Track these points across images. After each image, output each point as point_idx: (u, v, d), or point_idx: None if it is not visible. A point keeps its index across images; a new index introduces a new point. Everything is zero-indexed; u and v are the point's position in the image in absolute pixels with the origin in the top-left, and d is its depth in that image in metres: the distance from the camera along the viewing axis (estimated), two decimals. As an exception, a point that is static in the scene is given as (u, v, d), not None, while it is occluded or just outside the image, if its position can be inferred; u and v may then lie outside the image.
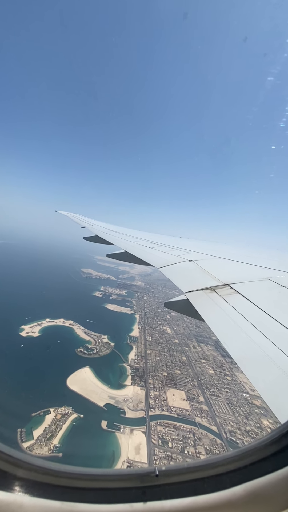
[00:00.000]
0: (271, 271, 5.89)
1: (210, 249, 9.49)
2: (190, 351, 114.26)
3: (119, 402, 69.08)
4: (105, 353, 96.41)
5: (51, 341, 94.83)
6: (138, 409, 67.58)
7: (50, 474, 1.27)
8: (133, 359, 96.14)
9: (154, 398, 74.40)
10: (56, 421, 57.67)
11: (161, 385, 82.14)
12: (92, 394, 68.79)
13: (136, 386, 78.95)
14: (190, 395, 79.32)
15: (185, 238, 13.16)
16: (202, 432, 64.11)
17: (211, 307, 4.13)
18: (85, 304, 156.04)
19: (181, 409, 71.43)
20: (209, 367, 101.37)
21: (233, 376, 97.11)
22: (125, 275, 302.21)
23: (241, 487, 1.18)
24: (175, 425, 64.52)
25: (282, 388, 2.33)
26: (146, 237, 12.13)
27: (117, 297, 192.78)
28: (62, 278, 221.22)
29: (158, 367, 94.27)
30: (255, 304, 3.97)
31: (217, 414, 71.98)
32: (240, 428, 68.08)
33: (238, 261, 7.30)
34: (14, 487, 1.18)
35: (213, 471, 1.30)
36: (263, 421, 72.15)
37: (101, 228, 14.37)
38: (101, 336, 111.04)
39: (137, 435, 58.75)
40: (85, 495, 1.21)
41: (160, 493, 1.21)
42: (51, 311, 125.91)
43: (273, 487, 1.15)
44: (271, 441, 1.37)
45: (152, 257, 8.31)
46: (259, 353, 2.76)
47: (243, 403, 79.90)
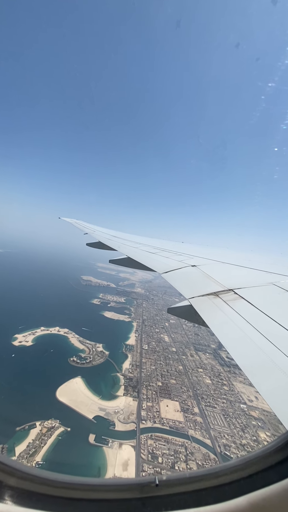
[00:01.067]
0: (276, 276, 5.78)
1: (213, 254, 9.40)
2: (187, 360, 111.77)
3: (110, 414, 66.80)
4: (99, 362, 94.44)
5: (44, 350, 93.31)
6: (129, 422, 65.27)
7: (46, 484, 1.23)
8: (127, 369, 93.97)
9: (147, 409, 72.06)
10: (41, 436, 55.52)
11: (155, 395, 79.77)
12: (81, 405, 66.64)
13: (129, 397, 76.67)
14: (185, 406, 76.83)
15: (188, 243, 13.09)
16: (194, 446, 61.55)
17: (215, 312, 4.03)
18: (82, 312, 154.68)
19: (174, 421, 68.98)
20: (206, 377, 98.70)
21: (230, 386, 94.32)
22: (125, 282, 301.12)
23: (244, 498, 1.14)
24: (167, 439, 62.04)
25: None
26: (148, 243, 12.02)
27: (115, 304, 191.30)
28: (61, 286, 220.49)
29: (153, 376, 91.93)
30: (259, 309, 3.86)
31: (211, 427, 69.36)
32: (236, 441, 65.38)
33: (242, 266, 7.20)
34: (9, 498, 1.15)
35: (215, 481, 1.26)
36: (260, 434, 69.31)
37: (104, 234, 14.34)
38: (96, 344, 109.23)
39: (126, 449, 56.35)
40: (82, 506, 1.19)
41: (160, 504, 1.18)
42: (47, 319, 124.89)
43: (278, 498, 1.10)
44: (275, 449, 1.31)
45: (155, 262, 8.22)
46: (265, 360, 2.65)
47: (240, 415, 77.13)
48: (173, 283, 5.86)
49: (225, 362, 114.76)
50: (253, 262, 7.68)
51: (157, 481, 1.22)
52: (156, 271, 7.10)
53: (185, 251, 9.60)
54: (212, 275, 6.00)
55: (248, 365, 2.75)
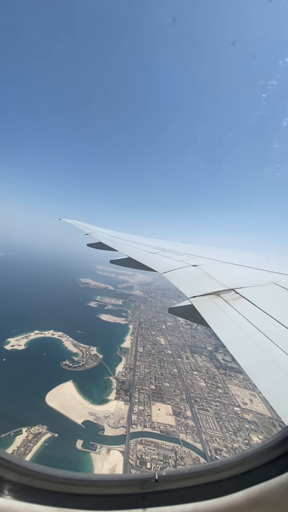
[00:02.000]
0: (277, 275, 5.75)
1: (213, 254, 9.38)
2: (182, 363, 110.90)
3: (99, 419, 66.00)
4: (92, 366, 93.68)
5: (36, 354, 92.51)
6: (118, 426, 64.46)
7: (47, 479, 1.25)
8: (120, 372, 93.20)
9: (138, 413, 71.23)
10: (26, 443, 54.60)
11: (147, 399, 78.94)
12: (71, 410, 65.85)
13: (120, 400, 75.88)
14: (177, 410, 75.97)
15: (188, 243, 13.06)
16: (185, 450, 60.71)
17: (216, 312, 4.01)
18: (78, 315, 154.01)
19: (165, 425, 68.13)
20: (201, 379, 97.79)
21: (225, 389, 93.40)
22: (124, 284, 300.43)
23: (243, 493, 1.16)
24: (157, 443, 61.21)
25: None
26: (149, 243, 12.01)
27: (112, 307, 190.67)
28: (58, 289, 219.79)
29: (146, 379, 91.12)
30: (261, 309, 3.84)
31: (203, 430, 68.50)
32: (227, 445, 64.53)
33: (243, 265, 7.19)
34: (10, 493, 1.17)
35: (214, 477, 1.28)
36: (253, 437, 68.41)
37: (105, 235, 14.39)
38: (90, 348, 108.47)
39: (114, 455, 55.57)
40: (83, 501, 1.20)
41: (160, 499, 1.20)
42: (42, 322, 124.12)
43: (276, 493, 1.13)
44: (274, 444, 1.33)
45: (155, 262, 8.23)
46: (266, 359, 2.64)
47: (233, 418, 76.26)
48: (174, 283, 5.84)
49: (221, 365, 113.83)
50: (254, 262, 7.66)
51: (157, 477, 1.23)
52: (157, 271, 7.13)
53: (185, 251, 9.58)
54: (213, 275, 6.00)
55: (249, 364, 2.73)
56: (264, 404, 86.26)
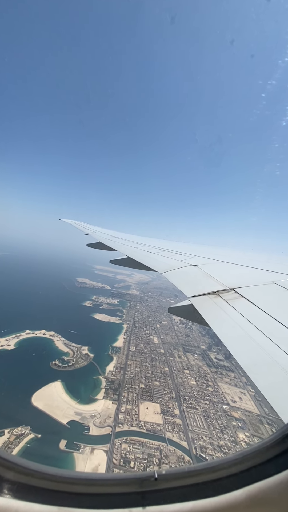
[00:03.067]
0: (277, 274, 5.75)
1: (213, 253, 9.37)
2: (174, 361, 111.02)
3: (85, 419, 65.81)
4: (82, 365, 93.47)
5: (25, 354, 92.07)
6: (104, 426, 64.36)
7: (47, 478, 1.25)
8: (111, 371, 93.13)
9: (125, 412, 71.23)
10: (8, 444, 54.02)
11: (136, 398, 79.00)
12: (56, 410, 65.61)
13: (108, 400, 75.81)
14: (165, 408, 76.04)
15: (188, 243, 13.05)
16: (170, 448, 60.78)
17: (216, 312, 4.02)
18: (72, 314, 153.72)
19: (152, 424, 68.18)
20: (192, 378, 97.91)
21: (215, 387, 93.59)
22: (121, 284, 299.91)
23: (242, 491, 1.16)
24: (142, 442, 61.23)
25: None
26: (149, 243, 12.01)
27: (108, 306, 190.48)
28: (54, 288, 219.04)
29: (136, 378, 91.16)
30: (261, 308, 3.84)
31: (190, 428, 68.62)
32: (213, 442, 64.68)
33: (242, 265, 7.20)
34: (9, 492, 1.16)
35: (213, 475, 1.29)
36: (239, 435, 68.63)
37: (104, 235, 14.40)
38: (81, 347, 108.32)
39: (98, 454, 55.49)
40: (83, 500, 1.21)
41: (159, 498, 1.21)
42: (34, 322, 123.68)
43: (276, 490, 1.13)
44: (273, 443, 1.34)
45: (155, 262, 8.26)
46: (266, 359, 2.65)
47: (221, 416, 76.43)
48: (174, 283, 5.85)
49: (213, 363, 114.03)
50: (254, 261, 7.66)
51: (156, 475, 1.24)
52: (157, 270, 7.13)
53: (185, 251, 9.56)
54: (213, 274, 6.00)
55: (249, 363, 2.73)
56: (253, 402, 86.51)
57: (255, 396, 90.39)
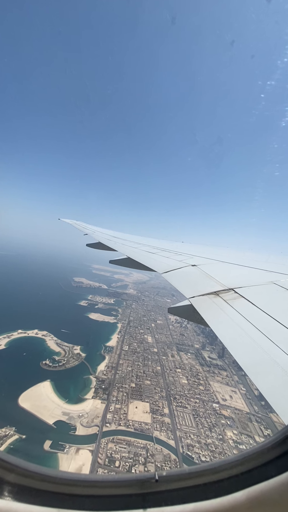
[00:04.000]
0: (276, 274, 5.75)
1: (212, 254, 9.38)
2: (167, 360, 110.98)
3: (73, 418, 65.52)
4: (73, 365, 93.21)
5: (16, 354, 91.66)
6: (91, 425, 64.12)
7: (47, 480, 1.25)
8: (102, 371, 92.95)
9: (114, 411, 71.11)
10: (-10, 446, 53.54)
11: (125, 397, 78.91)
12: (43, 410, 65.26)
13: (97, 399, 75.63)
14: (155, 407, 75.99)
15: (188, 243, 13.09)
16: (157, 447, 60.69)
17: (216, 312, 4.00)
18: (67, 314, 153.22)
19: (140, 423, 68.10)
20: (183, 377, 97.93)
21: (206, 386, 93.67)
22: (118, 283, 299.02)
23: (243, 492, 1.16)
24: (129, 441, 61.13)
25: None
26: (148, 243, 12.04)
27: (103, 305, 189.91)
28: (50, 288, 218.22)
29: (127, 378, 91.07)
30: (260, 308, 3.83)
31: (178, 427, 68.63)
32: (200, 441, 64.72)
33: (242, 265, 7.20)
34: (10, 494, 1.17)
35: (214, 477, 1.29)
36: (227, 433, 68.80)
37: (104, 235, 14.43)
38: (74, 347, 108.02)
39: (83, 454, 55.24)
40: (83, 502, 1.21)
41: (160, 499, 1.21)
42: (27, 322, 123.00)
43: (277, 492, 1.13)
44: (273, 444, 1.33)
45: (155, 262, 8.27)
46: (265, 358, 2.65)
47: (210, 414, 76.52)
48: (174, 283, 5.86)
49: (206, 362, 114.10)
50: (253, 261, 7.65)
51: (157, 477, 1.24)
52: (156, 271, 7.13)
53: (185, 251, 9.57)
54: (212, 275, 6.01)
55: (248, 363, 2.73)
56: (243, 400, 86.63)
57: (245, 394, 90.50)
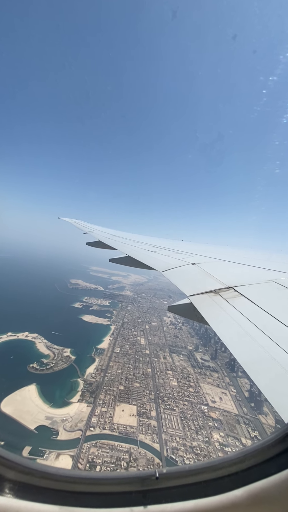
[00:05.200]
0: (276, 273, 5.73)
1: (212, 252, 9.35)
2: (158, 362, 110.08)
3: (56, 423, 64.42)
4: (61, 368, 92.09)
5: (3, 357, 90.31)
6: (75, 429, 63.05)
7: (48, 478, 1.26)
8: (90, 373, 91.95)
9: (99, 415, 70.13)
10: None
11: (113, 400, 77.96)
12: (26, 415, 64.01)
13: (83, 403, 74.60)
14: (142, 410, 75.10)
15: (187, 241, 13.10)
16: (141, 451, 59.80)
17: (216, 310, 3.97)
18: (60, 316, 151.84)
19: (126, 426, 67.18)
20: (174, 379, 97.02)
21: (196, 388, 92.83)
22: (115, 285, 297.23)
23: (243, 490, 1.18)
24: (112, 445, 60.17)
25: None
26: (148, 241, 12.00)
27: (98, 307, 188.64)
28: (44, 289, 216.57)
29: (116, 380, 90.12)
30: (260, 306, 3.82)
31: (164, 430, 67.74)
32: (186, 444, 63.80)
33: (242, 263, 7.17)
34: (11, 492, 1.18)
35: (214, 474, 1.30)
36: (214, 435, 68.00)
37: (104, 234, 14.41)
38: (63, 349, 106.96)
39: (63, 460, 54.12)
40: (84, 499, 1.23)
41: (160, 497, 1.22)
42: (18, 324, 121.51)
43: (277, 489, 1.14)
44: (273, 442, 1.34)
45: (155, 261, 8.22)
46: (265, 357, 2.65)
47: (198, 416, 75.69)
48: (173, 281, 5.86)
49: (198, 364, 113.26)
50: (253, 260, 7.64)
51: (157, 474, 1.25)
52: (156, 269, 7.15)
53: (185, 249, 9.54)
54: (212, 273, 5.99)
55: (248, 361, 2.71)
56: (233, 402, 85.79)
57: (235, 396, 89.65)
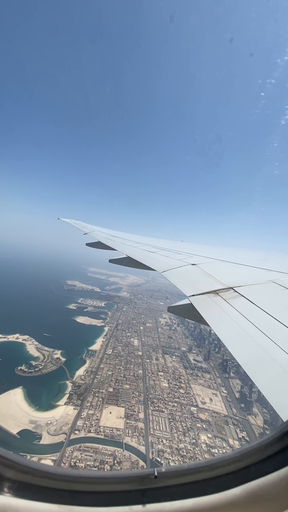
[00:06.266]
0: (275, 273, 5.72)
1: (212, 252, 9.30)
2: (150, 363, 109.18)
3: (40, 427, 63.37)
4: (50, 370, 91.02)
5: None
6: (59, 433, 62.08)
7: (47, 477, 1.27)
8: (80, 375, 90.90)
9: (86, 418, 69.14)
10: None
11: (100, 402, 76.95)
12: (9, 419, 62.96)
13: (70, 405, 73.58)
14: (130, 412, 74.21)
15: (187, 242, 13.02)
16: (126, 454, 58.94)
17: (215, 311, 3.98)
18: (53, 317, 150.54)
19: (112, 429, 66.26)
20: (164, 380, 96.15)
21: (187, 389, 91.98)
22: (112, 286, 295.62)
23: (242, 488, 1.18)
24: (96, 449, 59.27)
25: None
26: (148, 242, 11.97)
27: (93, 308, 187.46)
28: (40, 291, 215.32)
29: (106, 382, 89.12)
30: (259, 307, 3.83)
31: (151, 432, 66.84)
32: (172, 446, 62.95)
33: (241, 264, 7.18)
34: (10, 491, 1.18)
35: (213, 473, 1.30)
36: (201, 436, 67.25)
37: (103, 234, 14.42)
38: (54, 351, 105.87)
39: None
40: (83, 498, 1.23)
41: (159, 495, 1.23)
42: (9, 326, 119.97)
43: (274, 487, 1.16)
44: (271, 440, 1.36)
45: (154, 261, 8.25)
46: (264, 357, 2.66)
47: (187, 418, 74.87)
48: (173, 282, 5.86)
49: (190, 365, 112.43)
50: (253, 260, 7.63)
51: (156, 473, 1.25)
52: (156, 270, 7.14)
53: (184, 250, 9.52)
54: (212, 274, 6.00)
55: (247, 361, 2.72)
56: (223, 403, 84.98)
57: (226, 397, 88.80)
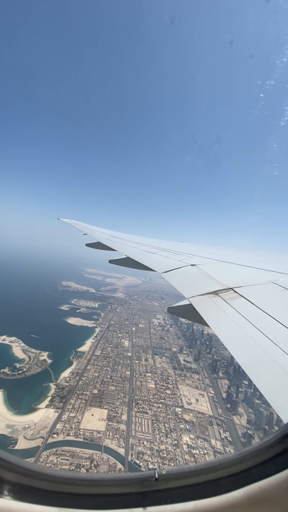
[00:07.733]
0: (275, 274, 5.69)
1: (212, 253, 9.25)
2: (139, 365, 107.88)
3: (16, 431, 61.84)
4: (34, 373, 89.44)
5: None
6: (36, 437, 60.65)
7: (47, 479, 1.24)
8: (65, 377, 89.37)
9: (66, 421, 67.75)
10: None
11: (83, 404, 75.55)
12: (-16, 424, 62.04)
13: (51, 408, 72.14)
14: (113, 414, 72.93)
15: (187, 242, 13.01)
16: (104, 457, 57.70)
17: (215, 311, 3.97)
18: (43, 318, 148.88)
19: (92, 432, 65.00)
20: (152, 381, 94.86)
21: (174, 390, 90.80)
22: (108, 287, 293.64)
23: (243, 490, 1.16)
24: (74, 452, 57.96)
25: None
26: (148, 243, 11.95)
27: (86, 309, 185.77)
28: (34, 291, 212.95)
29: (91, 384, 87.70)
30: (259, 307, 3.81)
31: (133, 434, 65.59)
32: (153, 447, 61.65)
33: (241, 264, 7.18)
34: (10, 494, 1.16)
35: (214, 475, 1.28)
36: (184, 438, 66.16)
37: (103, 235, 14.38)
38: (41, 353, 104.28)
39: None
40: (83, 500, 1.21)
41: (160, 498, 1.20)
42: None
43: (276, 490, 1.13)
44: (273, 442, 1.33)
45: (154, 262, 8.23)
46: (265, 357, 2.62)
47: (171, 419, 73.73)
48: (173, 283, 5.81)
49: (180, 365, 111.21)
50: (253, 261, 7.63)
51: (157, 475, 1.24)
52: (156, 270, 7.09)
53: (184, 251, 9.50)
54: (212, 274, 6.00)
55: (248, 362, 2.71)
56: (209, 403, 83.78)
57: (213, 397, 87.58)
